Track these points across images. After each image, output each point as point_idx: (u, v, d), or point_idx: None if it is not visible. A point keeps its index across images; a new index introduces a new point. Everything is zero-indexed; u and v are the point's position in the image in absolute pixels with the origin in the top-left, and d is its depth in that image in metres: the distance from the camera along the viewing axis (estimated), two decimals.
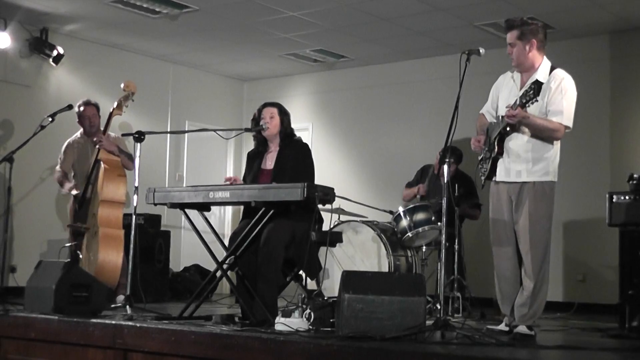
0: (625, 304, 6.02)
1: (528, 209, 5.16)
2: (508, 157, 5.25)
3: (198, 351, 4.60)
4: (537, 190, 5.18)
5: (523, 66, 5.28)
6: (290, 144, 5.90)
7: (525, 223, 5.16)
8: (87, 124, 7.41)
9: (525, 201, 5.18)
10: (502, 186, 5.31)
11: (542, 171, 5.19)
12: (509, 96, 5.31)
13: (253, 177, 5.89)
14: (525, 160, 5.19)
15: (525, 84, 5.20)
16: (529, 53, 5.24)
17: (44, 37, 9.15)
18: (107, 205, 6.80)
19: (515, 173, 5.23)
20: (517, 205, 5.23)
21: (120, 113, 7.06)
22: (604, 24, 8.62)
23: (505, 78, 5.48)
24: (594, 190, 8.31)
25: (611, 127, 8.76)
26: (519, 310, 5.17)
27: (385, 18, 8.64)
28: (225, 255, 5.66)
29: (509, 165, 5.25)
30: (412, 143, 9.99)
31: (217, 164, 11.36)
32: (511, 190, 5.26)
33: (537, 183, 5.18)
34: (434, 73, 9.89)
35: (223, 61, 10.69)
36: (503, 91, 5.42)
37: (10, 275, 8.42)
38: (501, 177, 5.30)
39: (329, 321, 4.81)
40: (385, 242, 7.27)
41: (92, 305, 5.60)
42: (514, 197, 5.24)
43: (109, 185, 6.83)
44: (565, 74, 5.23)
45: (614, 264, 6.66)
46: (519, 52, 5.25)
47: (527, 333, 5.08)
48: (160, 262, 8.80)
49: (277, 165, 5.81)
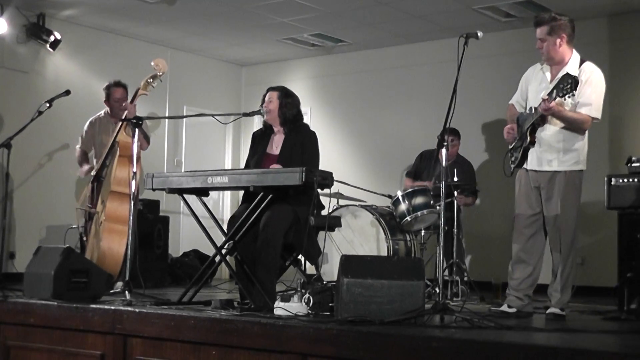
0: (624, 287, 6.04)
1: (560, 197, 5.30)
2: (540, 146, 5.37)
3: (197, 336, 4.61)
4: (568, 179, 5.33)
5: (553, 60, 5.39)
6: (297, 130, 5.87)
7: (556, 211, 5.29)
8: (116, 107, 7.30)
9: (556, 190, 5.31)
10: (532, 174, 5.42)
11: (572, 160, 5.36)
12: (539, 88, 5.43)
13: (257, 160, 5.87)
14: (557, 150, 5.34)
15: (556, 77, 5.29)
16: (560, 48, 5.34)
17: (41, 23, 9.11)
18: (117, 197, 6.69)
19: (547, 162, 5.35)
20: (547, 194, 5.35)
21: (146, 93, 6.91)
22: (603, 7, 8.59)
23: (535, 70, 5.58)
24: (593, 173, 8.28)
25: (609, 110, 8.70)
26: (553, 296, 5.33)
27: (384, 2, 8.60)
28: (224, 240, 5.66)
29: (540, 155, 5.37)
30: (410, 127, 9.98)
31: (215, 149, 11.35)
32: (541, 179, 5.38)
33: (568, 172, 5.34)
34: (432, 57, 9.87)
35: (221, 46, 10.66)
36: (533, 83, 5.53)
37: (9, 262, 8.43)
38: (532, 165, 5.41)
39: (328, 305, 4.81)
40: (384, 226, 7.27)
41: (91, 291, 5.60)
42: (544, 186, 5.36)
43: (121, 174, 6.71)
44: (594, 67, 5.38)
45: (612, 247, 6.67)
46: (549, 47, 5.34)
47: (559, 314, 5.25)
48: (159, 247, 8.80)
49: (283, 152, 5.78)
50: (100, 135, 7.36)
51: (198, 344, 4.62)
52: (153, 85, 6.90)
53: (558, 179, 5.33)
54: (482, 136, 9.41)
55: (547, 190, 5.35)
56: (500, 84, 8.46)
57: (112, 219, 6.68)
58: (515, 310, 5.35)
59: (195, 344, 4.63)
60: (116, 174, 6.73)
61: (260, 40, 10.28)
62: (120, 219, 6.68)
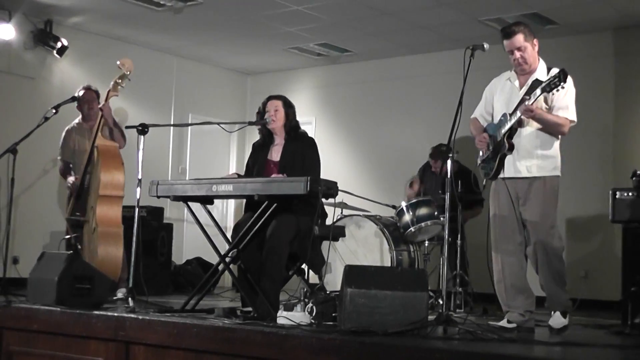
0: (628, 301, 6.01)
1: (540, 203, 5.24)
2: (517, 153, 5.29)
3: (200, 344, 4.61)
4: (547, 184, 5.27)
5: (530, 67, 5.34)
6: (296, 138, 5.89)
7: (536, 217, 5.24)
8: (85, 108, 7.37)
9: (535, 196, 5.25)
10: (509, 182, 5.33)
11: (551, 166, 5.30)
12: (509, 97, 5.38)
13: (259, 168, 5.88)
14: (535, 156, 5.27)
15: (525, 84, 5.29)
16: (534, 53, 5.33)
17: (48, 29, 9.15)
18: (106, 201, 6.68)
19: (526, 168, 5.28)
20: (525, 201, 5.28)
21: (116, 94, 6.91)
22: (608, 20, 8.60)
23: (500, 80, 5.55)
24: (597, 187, 8.31)
25: (615, 124, 8.74)
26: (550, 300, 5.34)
27: (390, 12, 8.62)
28: (227, 248, 5.66)
29: (518, 161, 5.29)
30: (415, 138, 9.97)
31: (220, 157, 11.36)
32: (518, 187, 5.31)
33: (547, 178, 5.27)
34: (438, 68, 9.88)
35: (227, 54, 10.68)
36: (498, 94, 5.49)
37: (13, 267, 8.44)
38: (510, 173, 5.33)
39: (331, 315, 4.80)
40: (387, 237, 7.27)
41: (94, 297, 5.60)
42: (521, 193, 5.29)
43: (108, 177, 6.69)
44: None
45: (616, 261, 6.66)
46: (528, 53, 5.30)
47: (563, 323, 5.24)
48: (162, 254, 8.80)
49: (284, 159, 5.80)
50: (77, 143, 7.35)
51: (200, 352, 4.62)
52: (122, 86, 6.87)
53: (537, 185, 5.26)
54: None
55: (524, 198, 5.28)
56: None
57: (104, 223, 6.65)
58: (515, 325, 5.27)
59: (198, 352, 4.63)
60: (102, 178, 6.68)
61: (266, 49, 10.30)
62: (112, 222, 6.68)
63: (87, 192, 6.97)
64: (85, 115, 7.41)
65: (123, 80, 6.86)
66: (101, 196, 6.68)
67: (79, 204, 7.04)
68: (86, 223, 6.89)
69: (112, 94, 6.92)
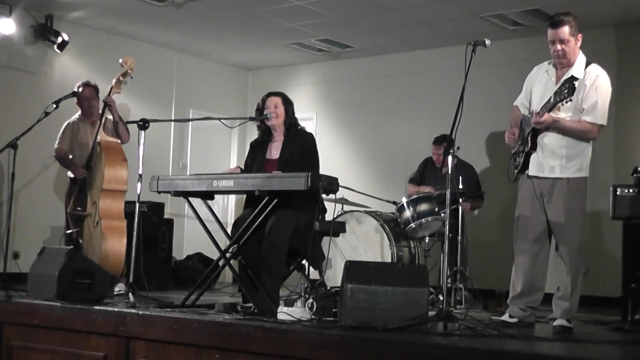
0: (628, 297, 6.02)
1: (562, 205, 5.15)
2: (542, 152, 5.23)
3: (200, 339, 4.61)
4: (571, 186, 5.18)
5: (569, 62, 5.20)
6: (295, 134, 5.89)
7: (560, 218, 5.16)
8: (85, 105, 7.39)
9: (558, 197, 5.17)
10: (535, 181, 5.28)
11: (575, 167, 5.20)
12: (544, 91, 5.26)
13: (258, 166, 5.88)
14: (560, 157, 5.18)
15: (561, 79, 5.13)
16: (577, 48, 5.19)
17: (49, 24, 9.13)
18: (109, 195, 6.76)
19: (549, 169, 5.21)
20: (549, 201, 5.21)
21: (119, 91, 6.99)
22: (610, 17, 8.59)
23: (540, 70, 5.41)
24: (598, 183, 8.28)
25: (616, 120, 8.71)
26: (559, 304, 5.20)
27: (391, 8, 8.61)
28: (228, 244, 5.66)
29: (542, 161, 5.23)
30: (416, 134, 9.96)
31: (221, 152, 11.36)
32: (543, 186, 5.24)
33: (571, 179, 5.18)
34: (439, 64, 9.87)
35: (228, 50, 10.67)
36: (537, 84, 5.36)
37: (14, 262, 8.44)
38: (534, 171, 5.28)
39: (332, 311, 4.80)
40: (388, 233, 7.27)
41: (95, 292, 5.60)
42: (546, 192, 5.22)
43: (112, 172, 6.77)
44: (600, 70, 5.20)
45: (616, 257, 6.66)
46: (570, 48, 5.16)
47: (567, 326, 5.12)
48: (163, 250, 8.81)
49: (283, 155, 5.79)
50: (78, 138, 7.37)
51: (201, 347, 4.62)
52: (125, 83, 6.94)
53: (560, 186, 5.17)
54: (487, 144, 9.40)
55: (548, 198, 5.21)
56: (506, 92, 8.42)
57: (107, 216, 6.72)
58: (516, 320, 5.25)
59: (198, 347, 4.63)
60: (106, 173, 6.77)
61: (268, 44, 10.29)
62: (115, 215, 6.74)
63: (88, 187, 6.99)
64: (85, 111, 7.41)
65: (125, 77, 6.90)
66: (104, 190, 6.73)
67: (80, 198, 7.06)
68: (87, 217, 6.90)
69: (114, 91, 6.98)
